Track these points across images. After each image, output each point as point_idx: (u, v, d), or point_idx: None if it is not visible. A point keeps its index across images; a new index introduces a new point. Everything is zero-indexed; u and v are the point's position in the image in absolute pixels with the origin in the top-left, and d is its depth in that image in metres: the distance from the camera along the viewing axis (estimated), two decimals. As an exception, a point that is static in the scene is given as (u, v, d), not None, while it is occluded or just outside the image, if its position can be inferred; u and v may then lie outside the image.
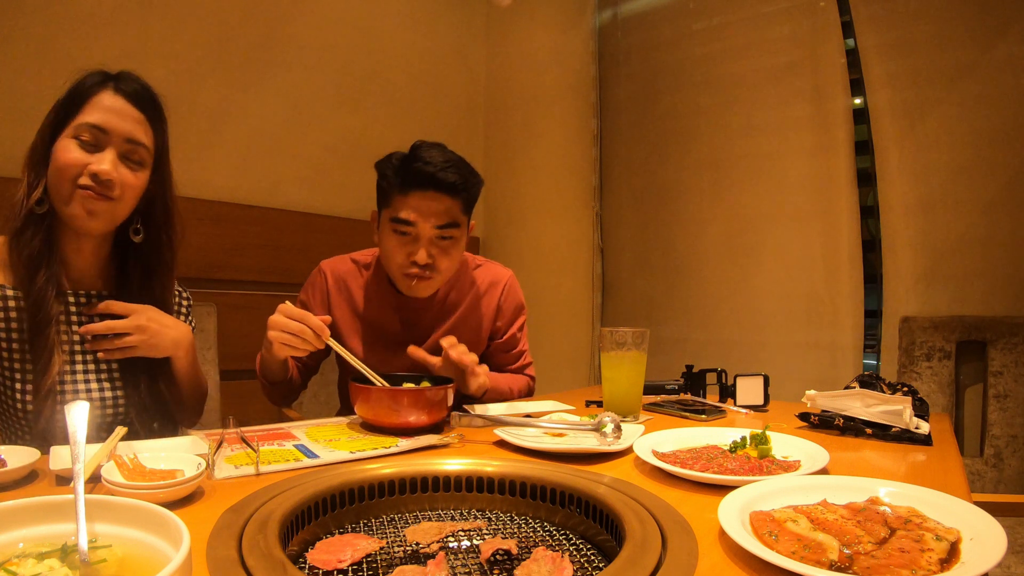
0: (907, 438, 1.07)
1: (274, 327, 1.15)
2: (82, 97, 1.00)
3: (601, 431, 0.99)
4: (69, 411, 0.61)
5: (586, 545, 0.71)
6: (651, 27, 2.94)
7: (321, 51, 2.35)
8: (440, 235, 1.33)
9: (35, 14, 1.71)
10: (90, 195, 0.99)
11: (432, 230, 1.32)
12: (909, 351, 2.03)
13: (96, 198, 1.00)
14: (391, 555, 0.67)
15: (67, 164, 0.98)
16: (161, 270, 1.15)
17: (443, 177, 1.29)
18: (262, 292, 2.14)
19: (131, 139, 1.02)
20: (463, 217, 1.36)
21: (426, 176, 1.29)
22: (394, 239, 1.34)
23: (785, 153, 2.50)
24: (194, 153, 2.00)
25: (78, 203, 0.99)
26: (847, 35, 2.35)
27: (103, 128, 1.00)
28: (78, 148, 0.99)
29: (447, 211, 1.32)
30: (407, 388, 1.11)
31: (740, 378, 1.41)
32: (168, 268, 1.16)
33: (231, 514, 0.66)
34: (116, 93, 1.01)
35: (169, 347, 1.11)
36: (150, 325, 1.08)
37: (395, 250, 1.34)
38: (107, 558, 0.47)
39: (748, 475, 0.81)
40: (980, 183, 2.09)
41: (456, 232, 1.35)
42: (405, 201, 1.31)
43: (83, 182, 0.99)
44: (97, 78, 1.02)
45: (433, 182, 1.29)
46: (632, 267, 3.04)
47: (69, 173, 0.98)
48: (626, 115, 3.05)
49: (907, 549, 0.56)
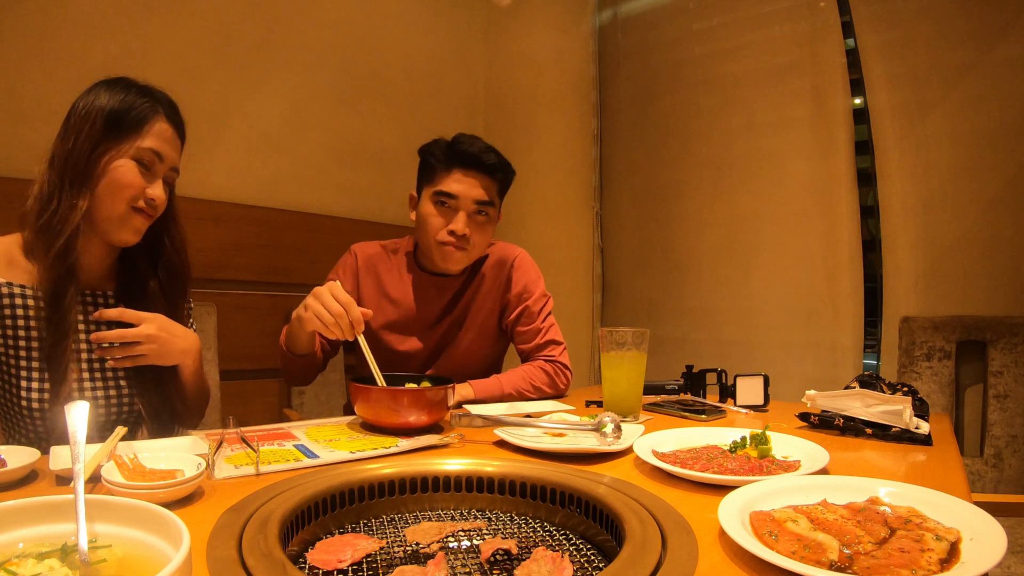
0: (907, 438, 1.07)
1: (318, 298, 1.18)
2: (139, 119, 1.04)
3: (601, 431, 0.99)
4: (69, 411, 0.60)
5: (586, 545, 0.71)
6: (651, 27, 2.94)
7: (321, 51, 2.35)
8: (477, 210, 1.47)
9: (35, 14, 1.71)
10: (142, 217, 1.07)
11: (471, 204, 1.46)
12: (909, 351, 2.03)
13: (146, 219, 1.08)
14: (391, 555, 0.67)
15: (132, 186, 1.04)
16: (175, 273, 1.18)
17: (485, 158, 1.46)
18: (262, 292, 2.14)
19: (175, 167, 1.11)
20: (497, 199, 1.52)
21: (470, 156, 1.45)
22: (436, 211, 1.47)
23: (785, 153, 2.50)
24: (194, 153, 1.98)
25: (129, 222, 1.06)
26: (847, 35, 2.35)
27: (161, 155, 1.07)
28: (138, 171, 1.04)
29: (486, 189, 1.47)
30: (407, 388, 1.11)
31: (740, 378, 1.41)
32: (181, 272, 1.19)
33: (231, 514, 0.66)
34: (168, 122, 1.08)
35: (177, 356, 1.12)
36: (160, 335, 1.09)
37: (436, 220, 1.46)
38: (107, 558, 0.47)
39: (748, 475, 0.81)
40: (980, 183, 2.09)
41: (491, 211, 1.49)
42: (449, 176, 1.46)
43: (139, 205, 1.05)
44: (146, 101, 1.06)
45: (476, 162, 1.46)
46: (632, 267, 3.04)
47: (130, 194, 1.04)
48: (626, 115, 3.05)
49: (907, 549, 0.56)
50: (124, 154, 1.03)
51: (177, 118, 1.11)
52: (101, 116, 1.02)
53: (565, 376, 1.57)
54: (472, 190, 1.45)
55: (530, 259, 1.63)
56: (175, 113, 1.11)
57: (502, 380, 1.48)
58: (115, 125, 1.02)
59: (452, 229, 1.45)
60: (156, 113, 1.06)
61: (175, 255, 1.18)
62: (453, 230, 1.44)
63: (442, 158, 1.47)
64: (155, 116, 1.06)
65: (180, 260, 1.19)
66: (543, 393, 1.52)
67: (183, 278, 1.20)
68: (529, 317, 1.57)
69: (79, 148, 1.01)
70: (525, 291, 1.58)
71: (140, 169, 1.04)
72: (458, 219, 1.45)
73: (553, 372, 1.54)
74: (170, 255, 1.17)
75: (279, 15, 2.23)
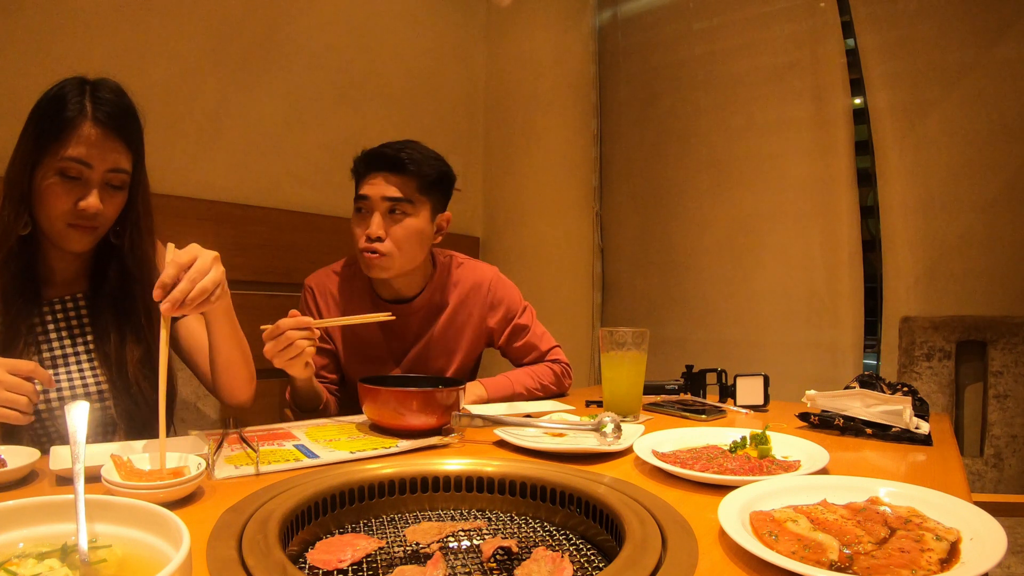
0: (907, 438, 1.07)
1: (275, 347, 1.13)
2: (61, 126, 0.97)
3: (601, 431, 0.99)
4: (69, 411, 0.60)
5: (586, 545, 0.71)
6: (651, 27, 2.94)
7: (320, 51, 2.35)
8: (391, 208, 1.39)
9: (34, 14, 1.70)
10: (79, 231, 1.02)
11: (382, 203, 1.39)
12: (909, 351, 2.03)
13: (83, 230, 1.03)
14: (391, 555, 0.67)
15: (57, 205, 0.99)
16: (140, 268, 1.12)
17: (391, 153, 1.39)
18: (262, 292, 2.14)
19: (113, 168, 1.02)
20: (419, 197, 1.41)
21: (376, 155, 1.41)
22: (355, 219, 1.43)
23: (785, 153, 2.50)
24: (194, 153, 2.00)
25: (67, 235, 1.02)
26: (847, 35, 2.34)
27: (87, 163, 0.99)
28: (63, 185, 0.99)
29: (399, 187, 1.39)
30: (417, 390, 1.09)
31: (740, 378, 1.41)
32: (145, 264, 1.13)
33: (231, 514, 0.66)
34: (95, 124, 0.99)
35: None
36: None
37: (355, 229, 1.42)
38: (107, 558, 0.47)
39: (748, 475, 0.81)
40: (980, 183, 2.09)
41: (408, 208, 1.40)
42: (364, 181, 1.42)
43: (71, 219, 1.00)
44: (75, 102, 0.98)
45: (383, 160, 1.40)
46: (632, 267, 3.04)
47: (57, 210, 1.00)
48: (626, 115, 3.05)
49: (907, 549, 0.56)
50: (49, 168, 0.98)
51: (107, 113, 0.99)
52: (31, 127, 1.00)
53: (569, 376, 1.61)
54: (382, 189, 1.38)
55: (502, 275, 1.60)
56: (108, 106, 1.00)
57: (512, 379, 1.48)
58: (39, 135, 0.98)
59: (367, 234, 1.38)
60: (78, 115, 0.98)
61: (134, 265, 1.11)
62: (368, 235, 1.38)
63: (360, 167, 1.45)
64: (77, 119, 0.98)
65: (138, 268, 1.11)
66: (550, 391, 1.54)
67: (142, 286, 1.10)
68: (522, 332, 1.58)
69: (14, 171, 1.00)
70: (509, 311, 1.56)
71: (64, 182, 0.98)
72: (372, 221, 1.38)
73: (560, 372, 1.57)
74: (127, 264, 1.11)
75: (279, 15, 2.23)
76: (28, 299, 1.04)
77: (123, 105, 1.03)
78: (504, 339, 1.57)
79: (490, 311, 1.55)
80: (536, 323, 1.61)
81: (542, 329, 1.61)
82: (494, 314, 1.55)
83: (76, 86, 1.00)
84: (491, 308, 1.54)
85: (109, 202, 1.04)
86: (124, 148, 1.04)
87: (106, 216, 1.04)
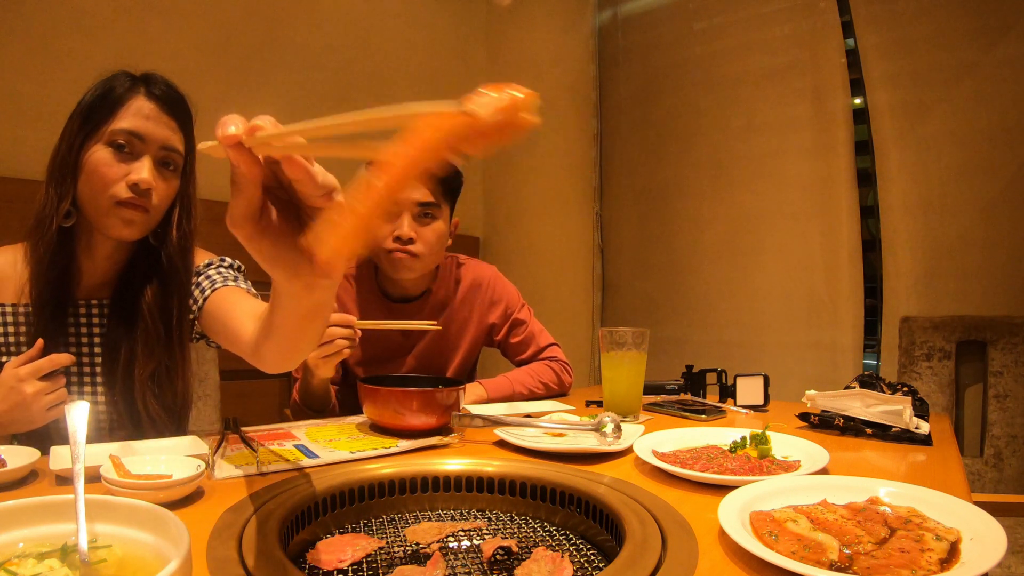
0: (907, 438, 1.07)
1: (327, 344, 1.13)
2: (114, 102, 0.96)
3: (601, 431, 0.98)
4: (69, 411, 0.60)
5: (586, 545, 0.71)
6: (651, 27, 2.94)
7: (321, 51, 2.35)
8: (422, 212, 1.42)
9: (35, 14, 1.71)
10: (129, 206, 0.96)
11: (414, 206, 1.41)
12: (909, 351, 2.03)
13: (135, 209, 0.96)
14: (391, 555, 0.67)
15: (105, 173, 0.94)
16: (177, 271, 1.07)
17: None
18: (262, 292, 2.14)
19: (166, 146, 0.99)
20: (443, 200, 1.45)
21: None
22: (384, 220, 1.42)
23: (785, 153, 2.50)
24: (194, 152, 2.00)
25: (116, 215, 0.96)
26: (847, 35, 2.34)
27: (140, 135, 0.96)
28: (114, 156, 0.95)
29: (429, 191, 1.42)
30: (417, 390, 1.09)
31: (740, 378, 1.41)
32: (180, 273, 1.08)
33: (231, 514, 0.66)
34: (148, 98, 0.98)
35: None
36: None
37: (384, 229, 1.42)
38: (107, 558, 0.47)
39: (748, 475, 0.81)
40: (980, 183, 2.09)
41: (436, 211, 1.44)
42: None
43: (122, 193, 0.95)
44: (126, 82, 0.97)
45: None
46: (632, 267, 3.04)
47: (107, 182, 0.94)
48: (626, 115, 3.05)
49: (907, 549, 0.56)
50: (99, 142, 0.95)
51: (162, 92, 0.99)
52: (80, 110, 0.97)
53: (569, 374, 1.60)
54: (414, 193, 1.41)
55: (501, 274, 1.63)
56: (160, 87, 0.99)
57: (511, 379, 1.49)
58: (90, 115, 0.96)
59: (398, 235, 1.39)
60: (133, 92, 0.96)
61: (177, 254, 1.06)
62: (399, 236, 1.39)
63: None
64: (132, 95, 0.96)
65: (182, 259, 1.07)
66: (551, 391, 1.55)
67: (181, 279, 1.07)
68: (520, 327, 1.59)
69: (62, 147, 0.97)
70: (508, 307, 1.59)
71: (116, 154, 0.95)
72: (403, 222, 1.40)
73: (559, 370, 1.58)
74: (171, 253, 1.05)
75: (279, 15, 2.23)
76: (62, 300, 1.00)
77: (176, 90, 1.03)
78: (503, 334, 1.59)
79: (490, 307, 1.58)
80: (534, 320, 1.63)
81: (540, 326, 1.64)
82: (494, 310, 1.58)
83: (126, 74, 0.99)
84: (491, 304, 1.58)
85: (161, 183, 0.99)
86: (178, 128, 1.01)
87: (158, 197, 0.99)
